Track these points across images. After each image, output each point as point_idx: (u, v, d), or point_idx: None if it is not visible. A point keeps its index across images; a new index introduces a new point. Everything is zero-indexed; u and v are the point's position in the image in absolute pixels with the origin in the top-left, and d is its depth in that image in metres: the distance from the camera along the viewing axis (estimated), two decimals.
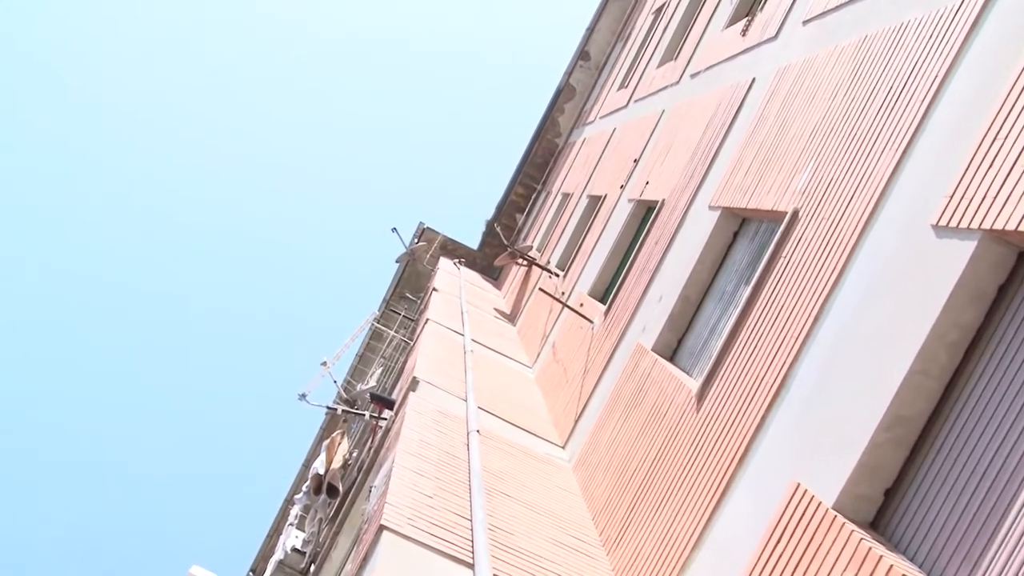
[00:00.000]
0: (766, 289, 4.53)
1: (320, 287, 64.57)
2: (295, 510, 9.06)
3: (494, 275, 18.16)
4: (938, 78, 3.81)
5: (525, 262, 13.73)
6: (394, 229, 15.70)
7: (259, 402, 56.96)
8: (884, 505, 2.97)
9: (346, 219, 66.77)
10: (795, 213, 4.60)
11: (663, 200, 7.53)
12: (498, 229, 15.77)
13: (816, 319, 3.92)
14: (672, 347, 5.94)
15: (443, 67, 70.52)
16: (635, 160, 9.66)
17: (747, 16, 7.79)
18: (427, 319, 9.57)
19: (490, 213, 19.48)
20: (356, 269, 66.23)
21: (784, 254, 4.52)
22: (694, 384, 5.00)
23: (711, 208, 6.14)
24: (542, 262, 12.67)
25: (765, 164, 5.46)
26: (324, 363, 9.88)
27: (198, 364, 56.11)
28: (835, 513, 2.99)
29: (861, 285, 3.68)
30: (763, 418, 3.96)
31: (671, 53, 11.15)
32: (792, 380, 3.88)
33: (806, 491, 3.23)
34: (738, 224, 5.84)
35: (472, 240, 18.94)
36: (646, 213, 8.65)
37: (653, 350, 5.95)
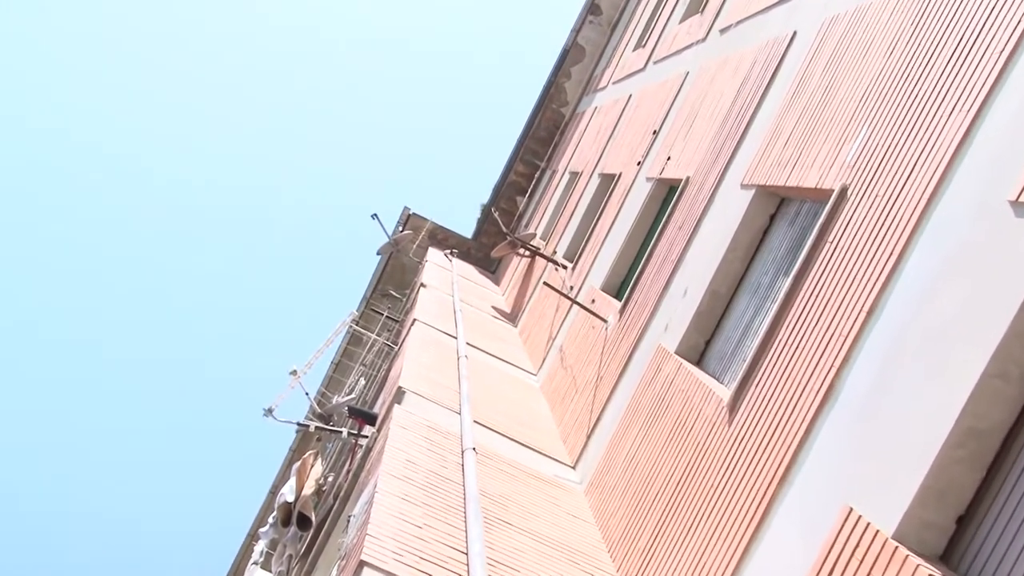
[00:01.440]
0: (809, 280, 4.51)
1: (288, 283, 64.79)
2: (260, 546, 9.04)
3: (492, 268, 18.18)
4: (1019, 27, 3.76)
5: (527, 253, 13.80)
6: (374, 216, 15.71)
7: (217, 419, 57.09)
8: (956, 535, 2.93)
9: (318, 204, 66.91)
10: (843, 190, 4.57)
11: (687, 178, 7.55)
12: (496, 215, 15.79)
13: (870, 314, 3.88)
14: (699, 349, 5.96)
15: (428, 22, 70.67)
16: (654, 132, 9.64)
17: None
18: (414, 320, 9.57)
19: (486, 196, 19.53)
20: (331, 262, 66.42)
21: (830, 239, 4.49)
22: (725, 392, 5.01)
23: (744, 187, 6.14)
24: (547, 252, 12.70)
25: (808, 133, 5.43)
26: (293, 372, 9.87)
27: (141, 374, 56.14)
28: (896, 544, 2.95)
29: (923, 274, 3.64)
30: (807, 431, 3.93)
31: (696, 5, 11.13)
32: (841, 386, 3.85)
33: (860, 517, 3.19)
34: (776, 205, 5.83)
35: (466, 228, 18.97)
36: (668, 194, 8.66)
37: (677, 353, 5.97)
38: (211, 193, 63.27)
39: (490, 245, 17.85)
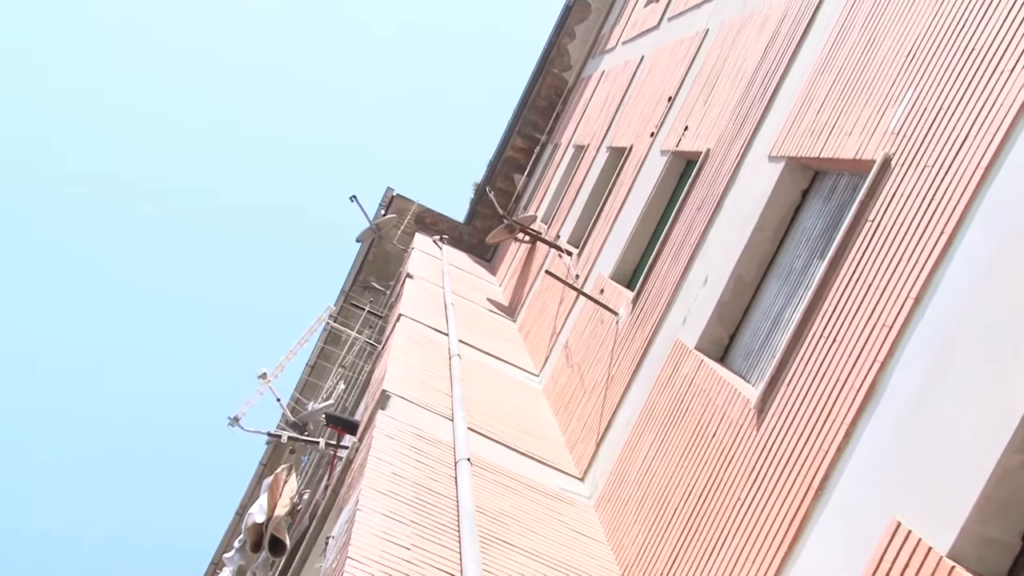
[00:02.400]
0: (848, 263, 4.51)
1: (255, 275, 64.77)
2: (225, 574, 9.03)
3: (487, 256, 18.21)
4: None
5: (527, 238, 13.87)
6: (353, 197, 15.72)
7: (174, 429, 57.01)
8: (1021, 554, 2.91)
9: (287, 185, 66.87)
10: (886, 161, 4.56)
11: (707, 151, 7.56)
12: (491, 195, 15.79)
13: (917, 301, 3.86)
14: (722, 344, 5.98)
15: None
16: (670, 99, 9.64)
17: None
18: (399, 315, 9.59)
19: (480, 174, 19.53)
20: (304, 251, 66.41)
21: (872, 216, 4.48)
22: (753, 392, 5.02)
23: (772, 159, 6.14)
24: (549, 237, 12.75)
25: (845, 97, 5.42)
26: (263, 375, 9.86)
27: (84, 378, 55.93)
28: (952, 563, 2.93)
29: (979, 254, 3.63)
30: (847, 435, 3.93)
31: None
32: (886, 384, 3.84)
33: (910, 533, 3.18)
34: (809, 179, 5.83)
35: (457, 211, 19.00)
36: (685, 168, 8.69)
37: (697, 349, 5.99)
38: (165, 174, 63.28)
39: (485, 230, 17.89)
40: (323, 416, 9.76)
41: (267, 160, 67.84)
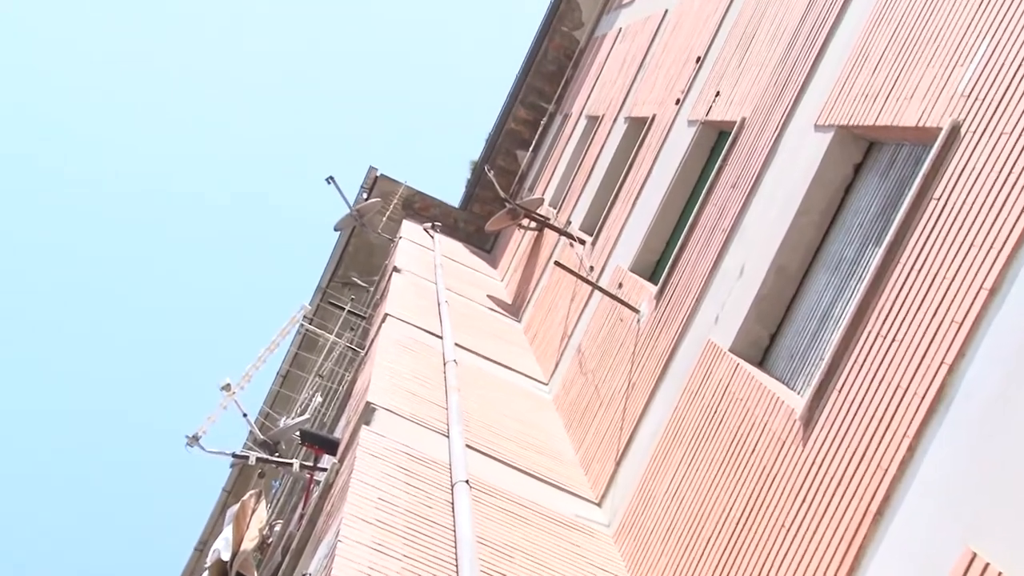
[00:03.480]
0: (909, 250, 4.51)
1: (217, 270, 64.86)
2: None
3: (486, 246, 18.25)
4: None
5: (533, 224, 13.89)
6: (329, 179, 15.71)
7: (123, 450, 57.06)
8: None
9: (253, 165, 66.95)
10: (955, 129, 4.56)
11: (743, 120, 7.59)
12: (490, 175, 15.81)
13: (993, 293, 3.85)
14: (762, 345, 6.01)
15: None
16: (698, 59, 9.66)
17: None
18: (385, 315, 9.63)
19: (477, 151, 19.53)
20: (273, 242, 66.48)
21: (938, 194, 4.48)
22: (798, 401, 5.03)
23: (819, 128, 6.14)
24: (559, 223, 12.79)
25: (906, 54, 5.42)
26: (226, 387, 9.86)
27: (21, 391, 55.83)
28: None
29: None
30: (911, 449, 3.93)
31: None
32: (956, 389, 3.84)
33: (988, 566, 3.17)
34: (862, 151, 5.84)
35: (451, 193, 19.13)
36: (717, 141, 8.72)
37: (732, 351, 6.01)
38: (114, 155, 63.36)
39: (484, 215, 17.90)
40: (297, 433, 9.76)
41: (223, 136, 67.90)
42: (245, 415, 10.33)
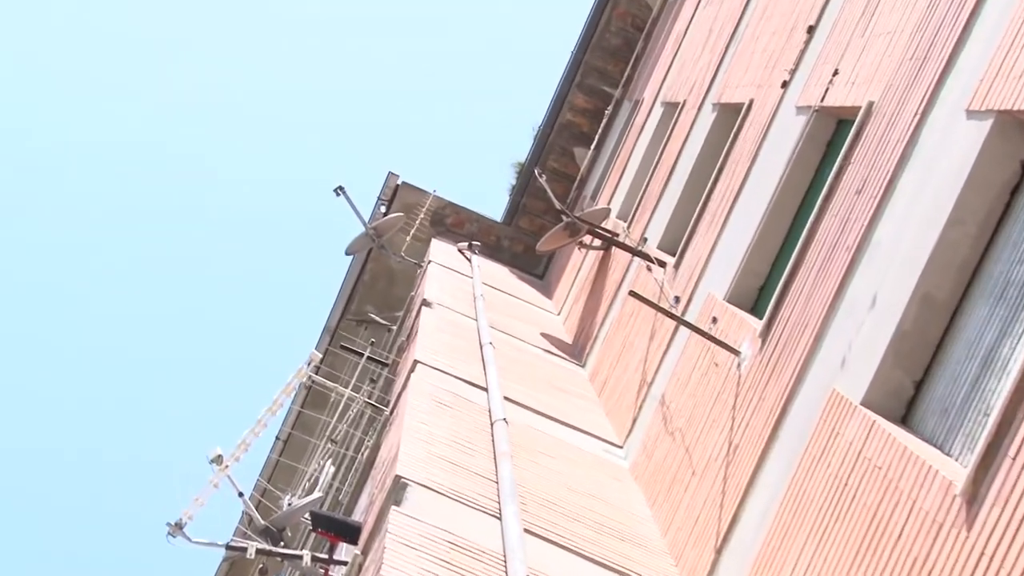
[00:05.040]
0: None
1: (201, 311, 65.21)
2: None
3: (537, 270, 18.25)
4: None
5: (598, 243, 13.81)
6: (339, 190, 15.73)
7: (93, 541, 57.32)
8: None
9: (246, 174, 67.48)
10: None
11: (870, 104, 7.53)
12: (541, 180, 15.72)
13: None
14: (905, 397, 5.95)
15: None
16: (810, 29, 9.64)
17: None
18: (415, 362, 9.61)
19: (524, 150, 19.52)
20: (270, 272, 66.89)
21: None
22: (957, 471, 4.97)
23: (972, 114, 6.08)
24: (631, 241, 12.75)
25: None
26: (217, 459, 9.87)
27: None
28: None
29: None
30: None
31: None
32: None
33: None
34: None
35: (492, 204, 19.07)
36: (836, 132, 8.68)
37: (865, 405, 5.94)
38: (74, 158, 64.17)
39: (534, 232, 17.91)
40: (307, 516, 9.73)
41: (206, 136, 68.53)
42: (241, 494, 10.32)
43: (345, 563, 7.63)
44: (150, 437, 58.85)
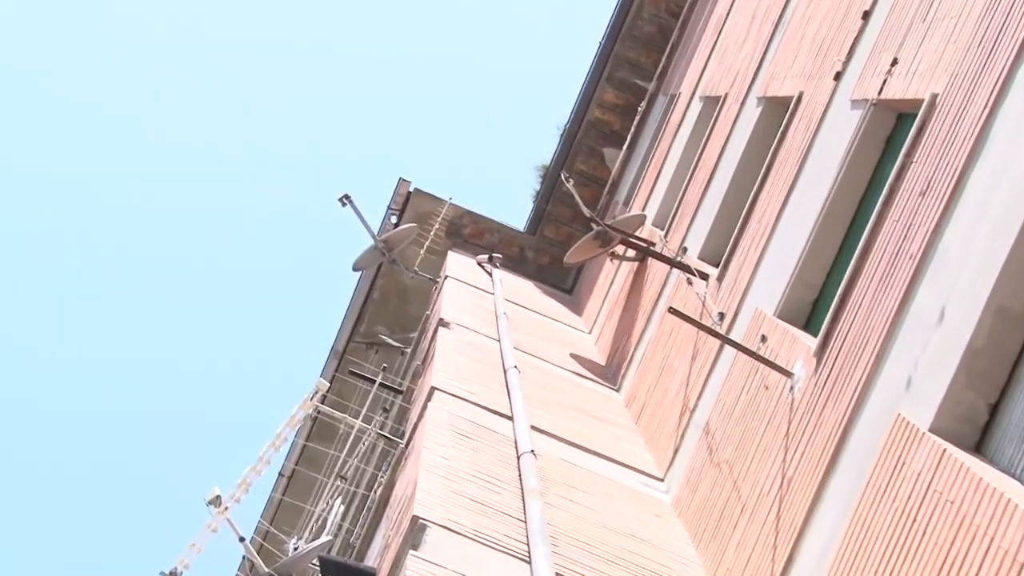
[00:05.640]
0: None
1: (194, 334, 65.37)
2: None
3: (565, 284, 18.21)
4: None
5: (632, 253, 13.80)
6: (345, 199, 15.72)
7: None
8: None
9: (241, 185, 67.75)
10: None
11: (934, 97, 7.49)
12: (568, 185, 15.67)
13: None
14: (979, 422, 5.90)
15: None
16: (865, 14, 9.61)
17: None
18: (432, 389, 9.61)
19: (548, 152, 19.49)
20: (270, 291, 66.98)
21: None
22: None
23: None
24: (669, 252, 12.73)
25: None
26: (215, 500, 9.85)
27: None
28: None
29: None
30: None
31: None
32: None
33: None
34: None
35: (514, 213, 19.00)
36: (896, 127, 8.64)
37: (934, 431, 5.89)
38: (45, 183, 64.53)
39: (561, 242, 17.93)
40: (315, 562, 9.71)
41: (192, 143, 68.77)
42: (242, 539, 10.32)
43: None
44: (144, 479, 58.99)
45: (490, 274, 16.08)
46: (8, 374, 60.29)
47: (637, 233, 13.98)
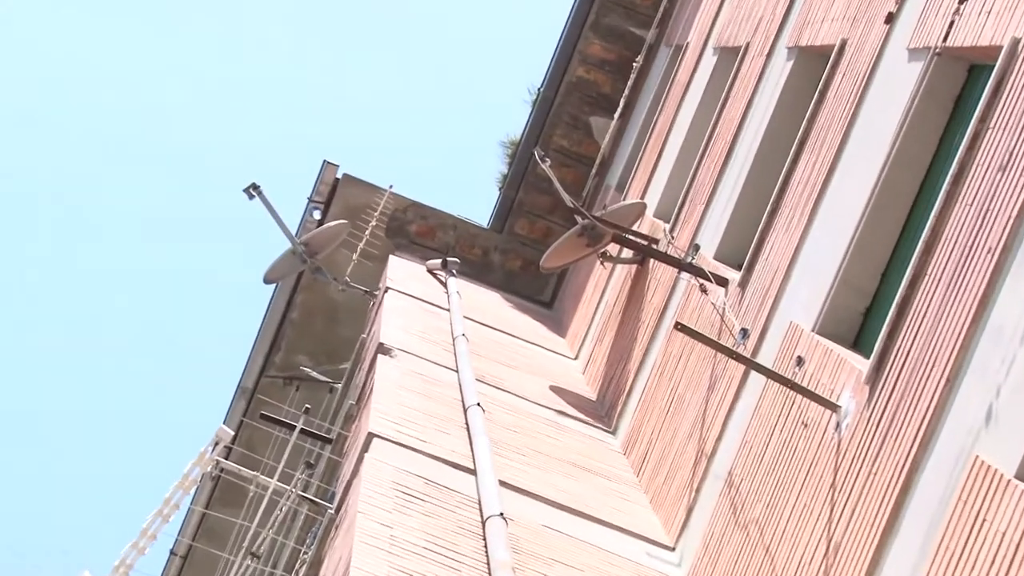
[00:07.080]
0: None
1: (58, 378, 65.34)
2: None
3: (543, 295, 18.24)
4: None
5: (629, 254, 13.96)
6: (253, 189, 15.74)
7: None
8: None
9: (116, 171, 67.89)
10: None
11: (1014, 42, 7.61)
12: (545, 166, 15.69)
13: None
14: None
15: None
16: None
17: None
18: (369, 435, 9.72)
19: (519, 124, 19.51)
20: (159, 312, 66.98)
21: None
22: None
23: None
24: (676, 251, 12.89)
25: None
26: None
27: None
28: None
29: None
30: None
31: None
32: None
33: None
34: None
35: (475, 203, 19.06)
36: (967, 84, 8.74)
37: (1021, 478, 5.99)
38: None
39: (537, 240, 18.24)
40: None
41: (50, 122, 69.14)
42: None
43: None
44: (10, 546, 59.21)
45: (444, 284, 16.39)
46: None
47: (635, 227, 14.19)
